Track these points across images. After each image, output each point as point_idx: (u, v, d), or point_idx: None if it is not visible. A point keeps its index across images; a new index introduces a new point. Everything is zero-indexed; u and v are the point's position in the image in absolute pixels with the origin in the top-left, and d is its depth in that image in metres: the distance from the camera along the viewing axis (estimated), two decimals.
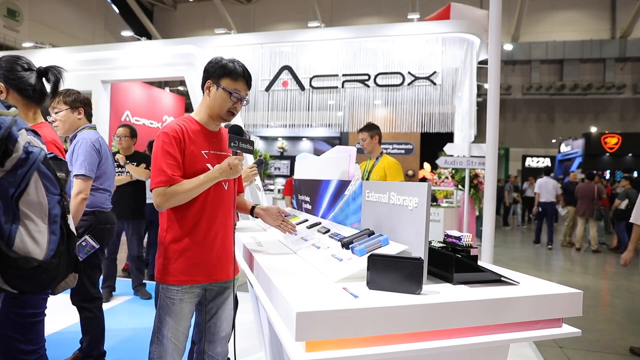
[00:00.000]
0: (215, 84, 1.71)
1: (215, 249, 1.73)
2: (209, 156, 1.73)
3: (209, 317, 1.83)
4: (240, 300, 4.22)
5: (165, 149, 1.63)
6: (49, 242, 1.28)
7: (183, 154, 1.66)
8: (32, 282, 1.28)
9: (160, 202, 1.61)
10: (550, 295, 1.29)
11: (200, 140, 1.72)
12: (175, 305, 1.69)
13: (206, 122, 1.77)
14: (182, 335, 1.72)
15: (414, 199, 1.40)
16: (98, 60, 8.31)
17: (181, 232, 1.69)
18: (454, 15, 7.64)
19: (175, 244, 1.69)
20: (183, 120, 1.73)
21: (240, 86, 1.72)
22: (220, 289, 1.83)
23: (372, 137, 3.83)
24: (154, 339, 1.73)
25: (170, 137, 1.64)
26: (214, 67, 1.71)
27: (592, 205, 8.70)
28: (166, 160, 1.62)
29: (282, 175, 15.09)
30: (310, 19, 11.54)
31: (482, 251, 3.32)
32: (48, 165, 1.32)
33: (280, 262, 1.66)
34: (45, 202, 1.29)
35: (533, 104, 21.24)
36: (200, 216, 1.69)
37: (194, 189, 1.62)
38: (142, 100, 9.57)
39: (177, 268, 1.68)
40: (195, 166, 1.68)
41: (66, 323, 3.52)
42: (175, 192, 1.60)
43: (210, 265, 1.72)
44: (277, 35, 8.57)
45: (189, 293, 1.70)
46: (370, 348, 1.10)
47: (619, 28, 19.80)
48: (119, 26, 20.48)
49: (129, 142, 4.33)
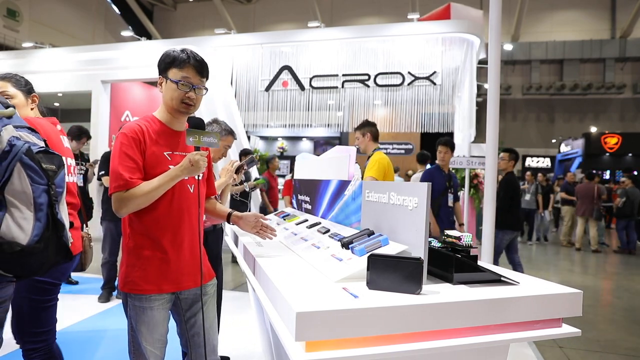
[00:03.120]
0: (164, 78, 1.61)
1: (182, 256, 1.62)
2: (172, 157, 1.62)
3: (190, 327, 1.72)
4: (240, 301, 4.23)
5: (123, 150, 1.53)
6: (34, 228, 1.39)
7: (143, 156, 1.56)
8: (20, 265, 1.41)
9: (118, 207, 1.51)
10: (550, 295, 1.29)
11: (163, 141, 1.62)
12: (146, 313, 1.57)
13: (168, 120, 1.66)
14: (158, 342, 1.60)
15: (414, 199, 1.40)
16: (98, 60, 8.32)
17: (144, 238, 1.58)
18: (454, 16, 7.64)
19: (138, 251, 1.58)
20: (145, 120, 1.63)
21: (189, 73, 1.59)
22: (195, 297, 1.69)
23: (364, 134, 3.79)
24: (130, 350, 1.62)
25: (128, 137, 1.54)
26: (161, 62, 1.63)
27: (592, 205, 8.71)
28: (123, 162, 1.52)
29: (282, 175, 15.08)
30: (310, 19, 11.53)
31: (482, 251, 3.32)
32: (32, 158, 1.42)
33: (280, 262, 1.66)
34: (30, 191, 1.40)
35: (533, 104, 21.24)
36: (164, 221, 1.58)
37: (153, 190, 1.51)
38: (142, 100, 9.57)
39: (140, 277, 1.56)
40: (157, 168, 1.56)
41: (66, 323, 3.52)
42: (133, 196, 1.49)
43: (177, 273, 1.61)
44: (277, 35, 8.57)
45: (158, 300, 1.59)
46: (370, 348, 1.10)
47: (619, 28, 19.79)
48: (119, 26, 20.48)
49: None
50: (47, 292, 1.91)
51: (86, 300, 4.04)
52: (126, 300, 1.61)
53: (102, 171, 4.04)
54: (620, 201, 8.47)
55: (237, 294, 4.50)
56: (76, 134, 4.36)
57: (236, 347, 3.07)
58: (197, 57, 1.63)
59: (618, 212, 8.55)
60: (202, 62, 1.63)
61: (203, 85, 1.64)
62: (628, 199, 8.37)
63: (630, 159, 17.84)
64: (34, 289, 1.86)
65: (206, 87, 1.67)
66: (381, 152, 3.68)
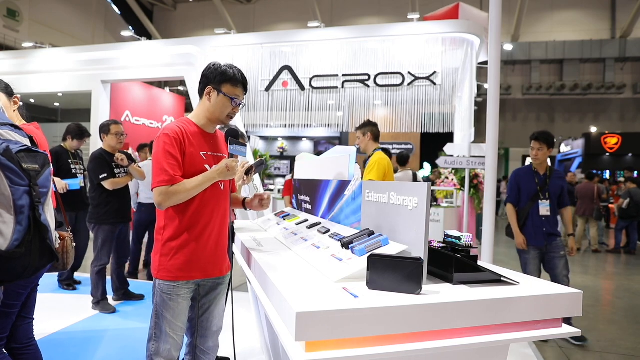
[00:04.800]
0: (216, 90, 1.77)
1: (210, 246, 1.78)
2: (207, 157, 1.79)
3: (202, 312, 1.89)
4: (240, 300, 4.23)
5: (166, 149, 1.68)
6: (14, 232, 1.32)
7: (183, 155, 1.72)
8: (3, 270, 1.33)
9: (162, 200, 1.65)
10: (550, 295, 1.29)
11: (199, 142, 1.78)
12: (173, 301, 1.73)
13: (204, 124, 1.83)
14: (180, 330, 1.76)
15: (414, 199, 1.40)
16: (98, 60, 8.31)
17: (178, 230, 1.73)
18: (463, 16, 7.64)
19: (172, 242, 1.74)
20: (182, 123, 1.79)
21: (239, 92, 1.80)
22: (213, 285, 1.88)
23: (364, 134, 3.78)
24: (151, 336, 1.76)
25: (171, 138, 1.69)
26: (214, 73, 1.78)
27: (592, 205, 8.71)
28: (168, 160, 1.67)
29: (282, 175, 15.08)
30: (310, 19, 11.53)
31: (482, 251, 3.32)
32: (11, 158, 1.35)
33: (280, 262, 1.66)
34: (9, 193, 1.32)
35: (533, 104, 21.23)
36: (197, 215, 1.75)
37: (194, 188, 1.68)
38: (142, 101, 9.57)
39: (173, 265, 1.72)
40: (195, 167, 1.73)
41: (66, 323, 3.52)
42: (177, 192, 1.65)
43: (205, 262, 1.77)
44: (277, 35, 8.56)
45: (185, 289, 1.75)
46: (370, 348, 1.10)
47: (619, 28, 19.79)
48: (119, 26, 20.48)
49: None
50: (16, 297, 1.80)
51: (86, 300, 4.03)
52: (155, 287, 1.77)
53: (105, 174, 3.76)
54: (625, 202, 8.43)
55: (237, 294, 4.50)
56: (77, 132, 4.25)
57: (236, 347, 3.07)
58: (244, 76, 1.84)
59: (622, 213, 8.48)
60: (247, 82, 1.86)
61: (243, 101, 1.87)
62: (632, 200, 8.34)
63: (630, 159, 17.84)
64: (6, 291, 1.74)
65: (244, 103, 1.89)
66: (381, 152, 3.67)
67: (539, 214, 3.46)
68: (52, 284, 4.54)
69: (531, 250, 3.51)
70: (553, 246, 3.49)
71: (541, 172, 3.56)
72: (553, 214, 3.50)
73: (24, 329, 1.91)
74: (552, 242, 3.49)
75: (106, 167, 3.81)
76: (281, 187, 10.04)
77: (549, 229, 3.48)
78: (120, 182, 3.87)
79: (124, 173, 3.99)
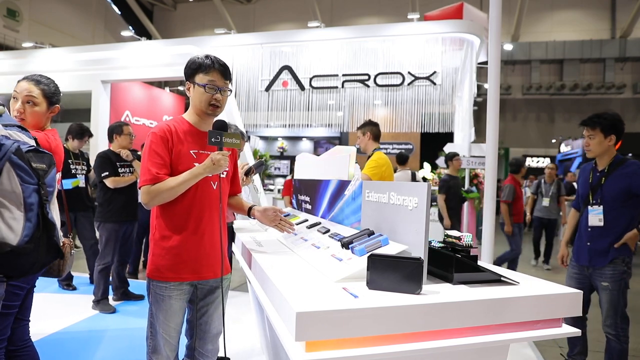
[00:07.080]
0: (191, 83, 1.75)
1: (202, 248, 1.74)
2: (198, 155, 1.75)
3: (200, 315, 1.86)
4: (240, 300, 4.23)
5: (152, 148, 1.68)
6: (24, 228, 1.37)
7: (171, 153, 1.70)
8: (11, 266, 1.39)
9: (146, 199, 1.65)
10: (550, 295, 1.29)
11: (190, 140, 1.75)
12: (165, 302, 1.71)
13: (196, 122, 1.80)
14: (172, 331, 1.74)
15: (414, 199, 1.40)
16: (98, 60, 8.31)
17: (168, 230, 1.72)
18: (467, 16, 7.64)
19: (162, 242, 1.72)
20: (174, 121, 1.78)
21: (214, 76, 1.73)
22: (211, 288, 1.84)
23: (364, 133, 3.77)
24: (148, 333, 1.78)
25: (157, 136, 1.69)
26: (187, 69, 1.76)
27: None
28: (152, 159, 1.66)
29: (282, 175, 15.08)
30: (310, 19, 11.51)
31: (482, 251, 3.32)
32: (22, 157, 1.40)
33: (280, 262, 1.66)
34: (19, 190, 1.38)
35: (533, 104, 21.23)
36: (187, 214, 1.72)
37: (178, 186, 1.65)
38: (142, 100, 9.57)
39: (164, 265, 1.71)
40: (184, 165, 1.70)
41: (66, 323, 3.52)
42: (160, 190, 1.64)
43: (196, 264, 1.74)
44: (277, 35, 8.57)
45: (177, 290, 1.72)
46: (370, 348, 1.10)
47: (619, 28, 19.78)
48: (119, 26, 20.47)
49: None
50: (14, 297, 1.78)
51: (86, 300, 4.03)
52: (149, 286, 1.76)
53: (107, 172, 3.80)
54: None
55: (237, 294, 4.50)
56: (78, 132, 4.26)
57: (236, 347, 3.07)
58: (221, 61, 1.76)
59: None
60: (225, 66, 1.77)
61: (227, 87, 1.78)
62: None
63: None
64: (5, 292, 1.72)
65: (230, 89, 1.81)
66: (381, 152, 3.67)
67: (588, 223, 2.63)
68: (52, 284, 4.54)
69: (570, 267, 2.83)
70: (596, 272, 2.60)
71: (600, 167, 2.72)
72: (610, 226, 2.54)
73: (20, 330, 1.90)
74: (598, 265, 2.58)
75: (109, 166, 3.84)
76: (281, 187, 10.05)
77: (595, 245, 2.58)
78: (122, 180, 3.89)
79: (129, 173, 4.01)
